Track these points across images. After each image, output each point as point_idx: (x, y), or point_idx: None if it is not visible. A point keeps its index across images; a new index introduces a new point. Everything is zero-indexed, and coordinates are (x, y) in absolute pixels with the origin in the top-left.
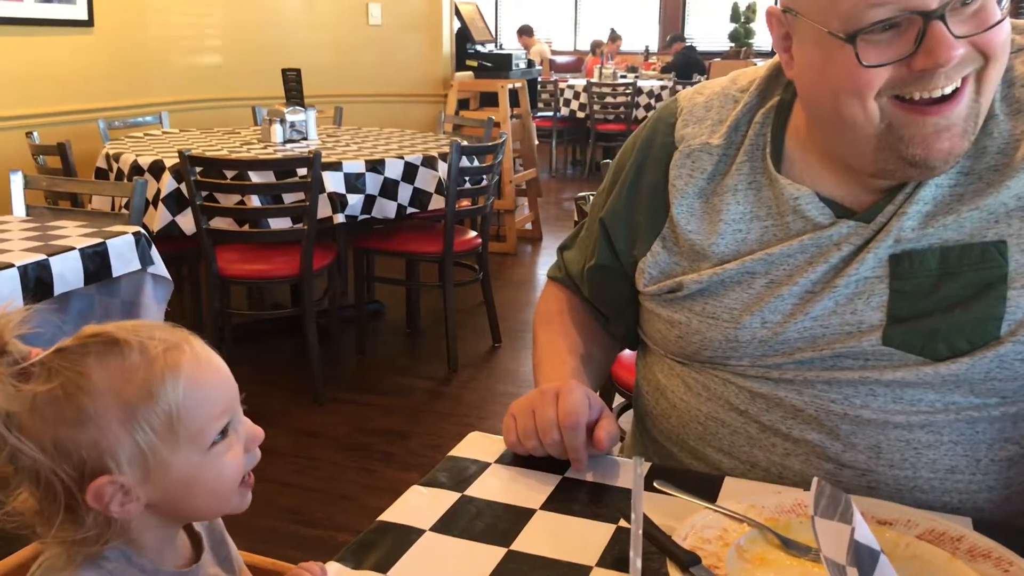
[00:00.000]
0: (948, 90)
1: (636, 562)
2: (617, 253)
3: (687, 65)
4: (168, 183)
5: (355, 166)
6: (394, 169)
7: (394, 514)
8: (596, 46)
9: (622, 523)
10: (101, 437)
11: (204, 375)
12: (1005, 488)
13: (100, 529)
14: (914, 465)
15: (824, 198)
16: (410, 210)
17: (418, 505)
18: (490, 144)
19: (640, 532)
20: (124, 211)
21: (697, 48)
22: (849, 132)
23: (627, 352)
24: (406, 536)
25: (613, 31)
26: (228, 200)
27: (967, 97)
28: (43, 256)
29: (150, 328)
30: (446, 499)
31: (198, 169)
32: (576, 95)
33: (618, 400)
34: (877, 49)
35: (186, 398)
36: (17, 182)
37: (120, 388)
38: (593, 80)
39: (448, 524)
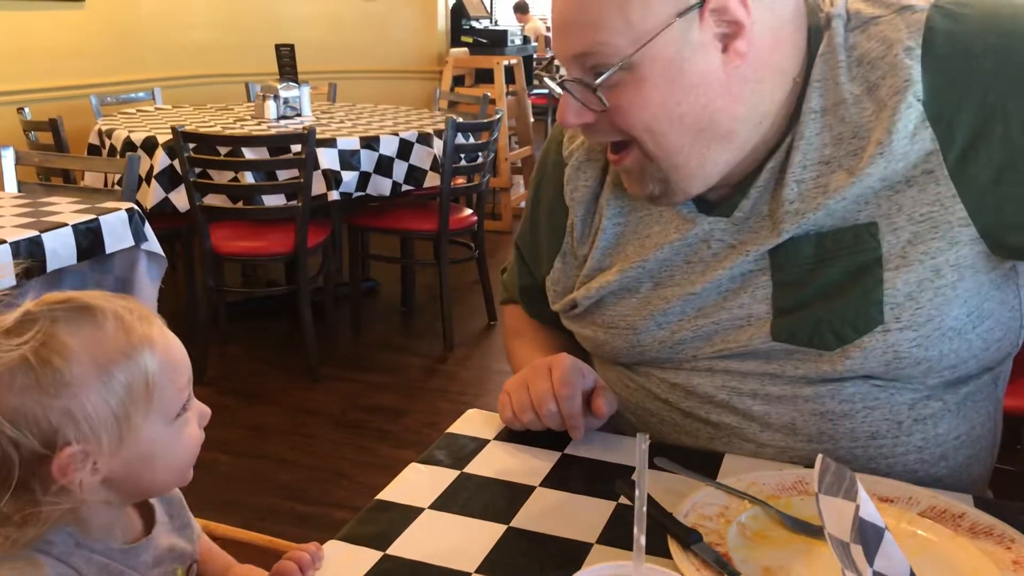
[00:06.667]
0: (602, 140)
1: (640, 539)
2: (533, 274)
3: None
4: (161, 159)
5: (350, 143)
6: (389, 146)
7: (393, 492)
8: None
9: (622, 500)
10: (75, 404)
11: (171, 347)
12: (937, 447)
13: (49, 503)
14: (832, 437)
15: None
16: (405, 187)
17: (417, 483)
18: (486, 121)
19: (644, 509)
20: (117, 187)
21: None
22: None
23: None
24: (405, 514)
25: None
26: (222, 177)
27: (636, 153)
28: (35, 232)
29: (118, 298)
30: (445, 476)
31: (191, 145)
32: None
33: None
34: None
35: (160, 367)
36: (8, 158)
37: (98, 354)
38: None
39: (447, 501)
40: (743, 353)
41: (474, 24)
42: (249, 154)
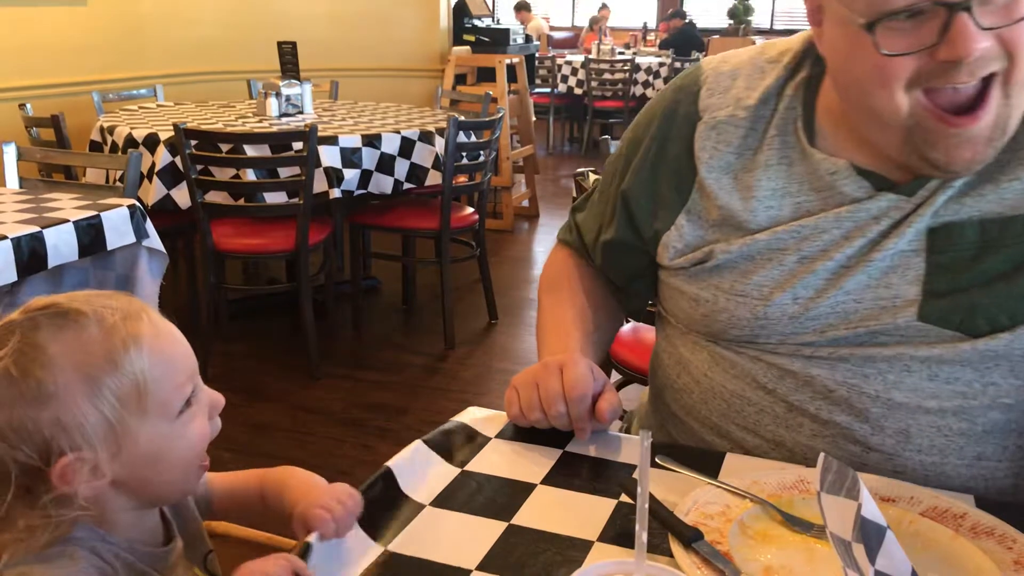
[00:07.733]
0: (971, 84)
1: (642, 536)
2: (638, 228)
3: (686, 42)
4: (163, 156)
5: (351, 140)
6: (391, 144)
7: (398, 466)
8: (594, 22)
9: (623, 498)
10: (64, 413)
11: (165, 343)
12: None
13: (58, 512)
14: (943, 451)
15: (862, 170)
16: (407, 185)
17: (419, 477)
18: (487, 119)
19: (646, 507)
20: (119, 184)
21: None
22: (876, 120)
23: (625, 330)
24: (406, 510)
25: (604, 4)
26: (223, 174)
27: (994, 103)
28: (37, 228)
29: (104, 298)
30: (446, 474)
31: (193, 142)
32: (574, 71)
33: (615, 377)
34: (900, 38)
35: (151, 367)
36: (10, 154)
37: (80, 360)
38: (591, 56)
39: (448, 499)
40: (878, 331)
41: (476, 22)
42: (251, 151)
